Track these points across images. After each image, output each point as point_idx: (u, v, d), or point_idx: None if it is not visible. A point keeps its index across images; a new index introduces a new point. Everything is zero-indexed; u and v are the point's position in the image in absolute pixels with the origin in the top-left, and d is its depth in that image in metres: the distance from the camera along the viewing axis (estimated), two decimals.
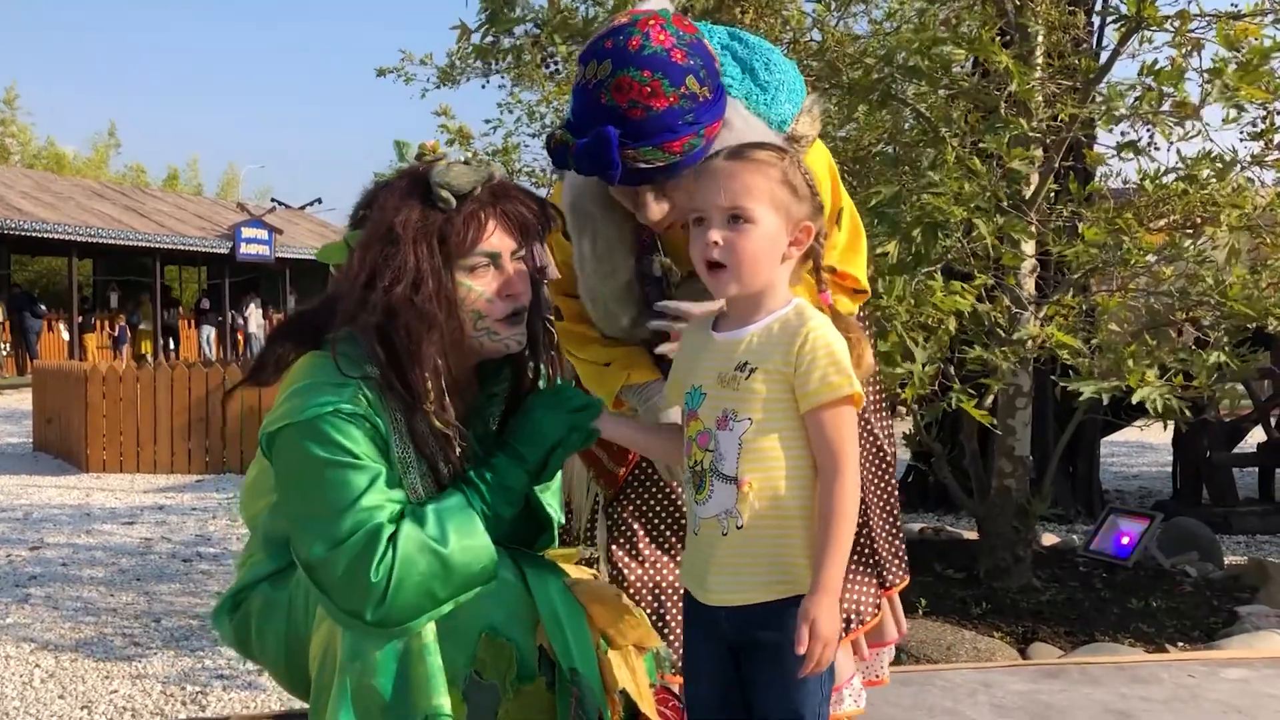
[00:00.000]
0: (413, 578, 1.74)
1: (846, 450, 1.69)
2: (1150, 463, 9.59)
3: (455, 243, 1.83)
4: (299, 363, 1.87)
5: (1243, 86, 3.44)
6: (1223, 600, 4.33)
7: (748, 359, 1.74)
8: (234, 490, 8.37)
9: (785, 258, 1.76)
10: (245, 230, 26.45)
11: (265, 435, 1.83)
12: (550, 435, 1.90)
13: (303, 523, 1.79)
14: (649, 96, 1.88)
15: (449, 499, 1.84)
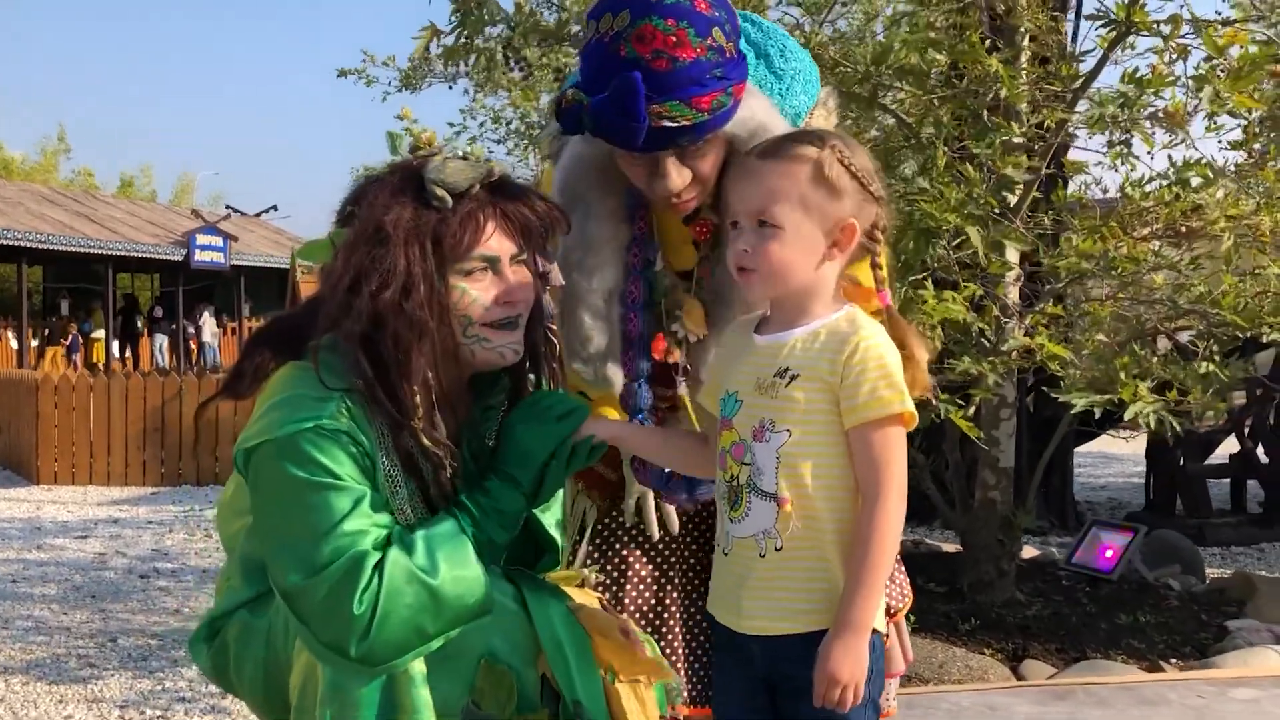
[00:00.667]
0: (399, 610, 1.60)
1: (893, 472, 1.56)
2: (1116, 473, 9.58)
3: (450, 245, 1.69)
4: (278, 374, 1.73)
5: (1234, 95, 3.36)
6: (1211, 615, 4.27)
7: (789, 365, 1.62)
8: (191, 502, 8.16)
9: (826, 259, 1.64)
10: (200, 237, 26.04)
11: (240, 452, 1.69)
12: (537, 452, 1.77)
13: (279, 548, 1.65)
14: (674, 46, 1.73)
15: (439, 524, 1.70)
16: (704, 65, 1.76)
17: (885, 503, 1.55)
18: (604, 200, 1.96)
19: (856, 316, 1.63)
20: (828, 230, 1.62)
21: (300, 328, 1.75)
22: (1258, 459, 6.67)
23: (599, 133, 1.80)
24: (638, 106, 1.72)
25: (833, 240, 1.63)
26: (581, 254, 1.96)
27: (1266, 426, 6.68)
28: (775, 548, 1.60)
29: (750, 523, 1.63)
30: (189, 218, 30.26)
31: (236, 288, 27.94)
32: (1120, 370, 3.59)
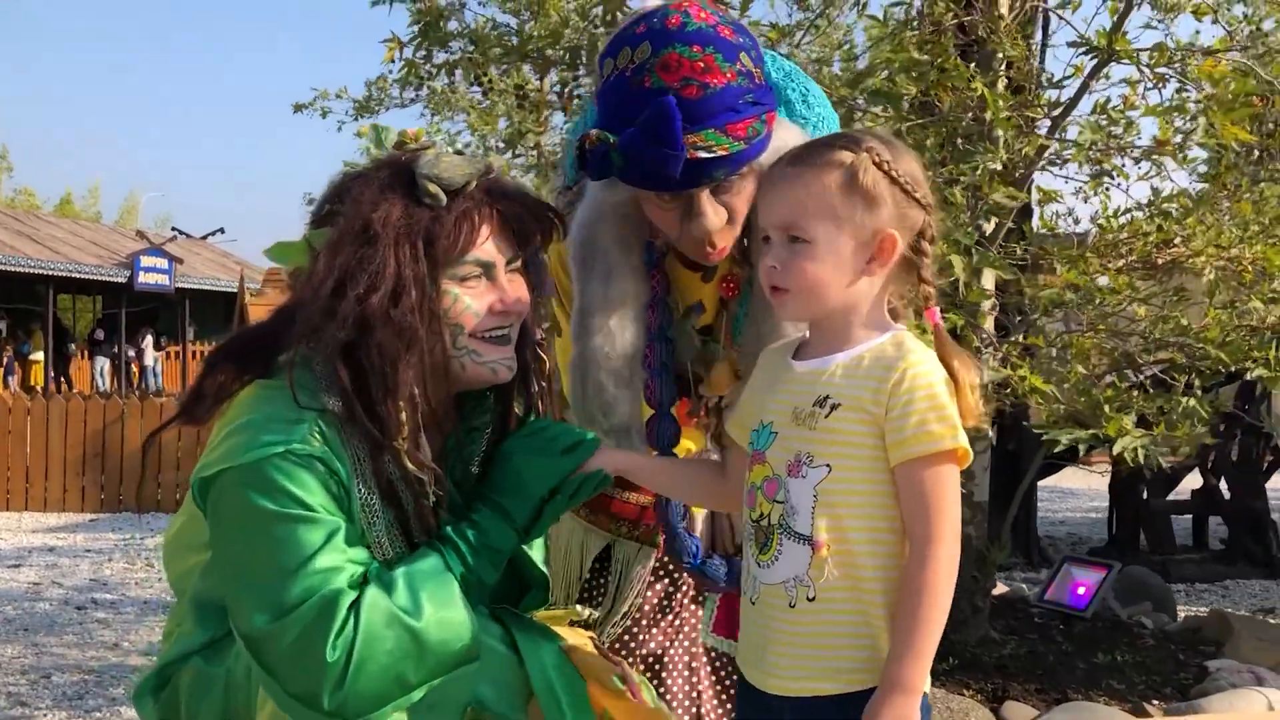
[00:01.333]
0: (378, 657, 1.43)
1: (945, 515, 1.41)
2: (1074, 508, 9.56)
3: (444, 247, 1.54)
4: (243, 394, 1.56)
5: (1226, 126, 3.30)
6: (1188, 654, 4.19)
7: (830, 393, 1.46)
8: (131, 530, 7.87)
9: (865, 274, 1.49)
10: (144, 259, 25.57)
11: (198, 480, 1.52)
12: (535, 487, 1.61)
13: (242, 587, 1.48)
14: (703, 73, 1.59)
15: (423, 561, 1.53)
16: (736, 91, 1.62)
17: (937, 549, 1.40)
18: (627, 256, 1.80)
19: (905, 340, 1.48)
20: (864, 243, 1.47)
21: (268, 341, 1.59)
22: (1221, 495, 6.63)
23: (630, 171, 1.64)
24: (674, 133, 1.57)
25: (870, 254, 1.48)
26: (604, 316, 1.79)
27: (1229, 462, 6.65)
28: (808, 597, 1.45)
29: (781, 568, 1.47)
30: (134, 239, 29.74)
31: (181, 311, 27.44)
32: (1104, 404, 3.51)
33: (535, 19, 5.24)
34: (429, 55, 4.99)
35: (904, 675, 1.39)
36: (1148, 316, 3.92)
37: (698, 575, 1.93)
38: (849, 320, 1.50)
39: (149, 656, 4.56)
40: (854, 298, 1.49)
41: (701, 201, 1.67)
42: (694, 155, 1.59)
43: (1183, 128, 3.57)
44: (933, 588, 1.40)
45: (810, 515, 1.45)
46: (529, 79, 7.19)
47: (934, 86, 3.90)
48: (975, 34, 4.10)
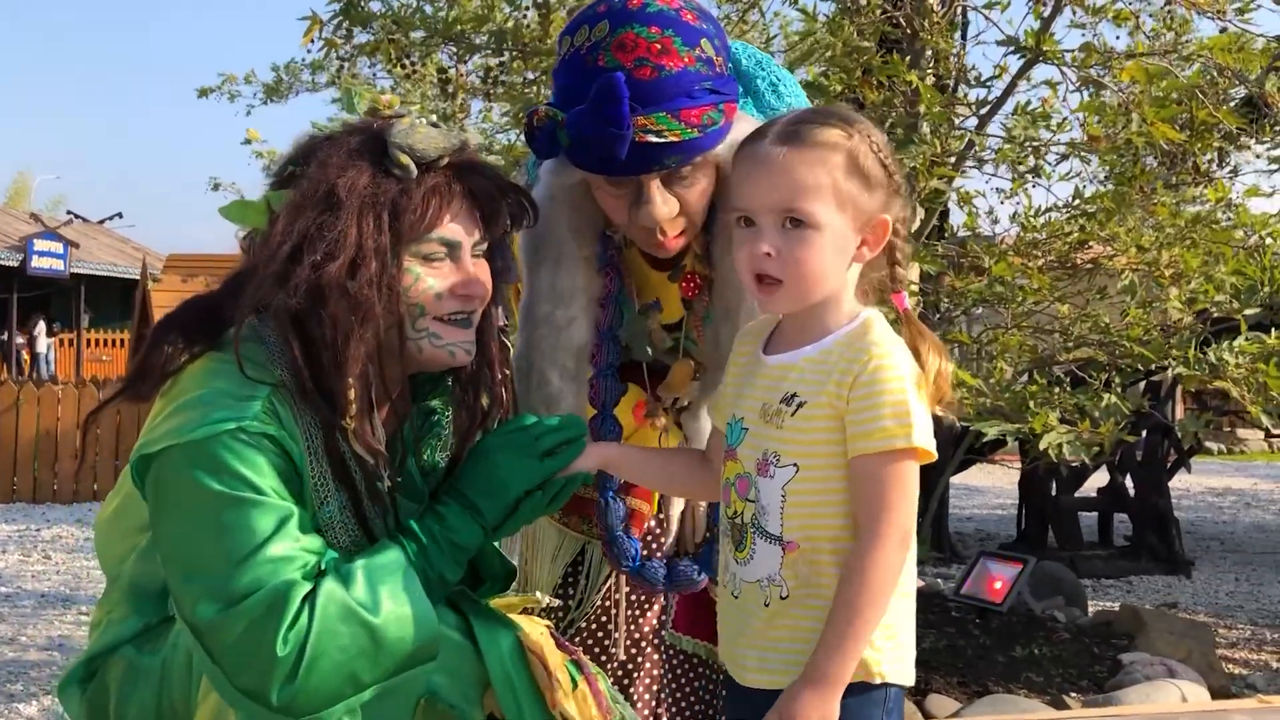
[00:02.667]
0: (332, 653, 1.36)
1: (895, 514, 1.37)
2: (980, 505, 9.71)
3: (410, 221, 1.47)
4: (191, 367, 1.48)
5: (1157, 124, 3.35)
6: (1102, 648, 4.26)
7: (797, 390, 1.42)
8: (26, 521, 7.58)
9: (855, 260, 1.44)
10: (38, 243, 24.75)
11: (139, 458, 1.43)
12: (514, 487, 1.55)
13: (188, 575, 1.39)
14: (659, 54, 1.55)
15: (384, 554, 1.46)
16: (693, 76, 1.57)
17: (882, 546, 1.36)
18: (579, 246, 1.75)
19: (871, 330, 1.43)
20: (860, 228, 1.43)
21: (218, 310, 1.50)
22: (1127, 492, 6.79)
23: (576, 151, 1.59)
24: (621, 111, 1.52)
25: (864, 238, 1.44)
26: (551, 306, 1.74)
27: (1134, 460, 6.80)
28: (780, 596, 1.42)
29: (756, 567, 1.44)
30: (27, 221, 28.77)
31: (76, 297, 26.63)
32: (1029, 399, 3.55)
33: (453, 5, 5.14)
34: (349, 35, 4.87)
35: (827, 667, 1.36)
36: (1070, 315, 3.98)
37: (636, 578, 1.89)
38: (825, 308, 1.45)
39: (48, 651, 4.39)
40: (838, 287, 1.45)
41: (650, 189, 1.62)
42: (642, 138, 1.55)
43: (1112, 127, 3.62)
44: (871, 584, 1.36)
45: (779, 516, 1.41)
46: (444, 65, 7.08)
47: (860, 82, 3.91)
48: (906, 28, 4.13)
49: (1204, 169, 4.72)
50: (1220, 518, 8.94)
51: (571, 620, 2.00)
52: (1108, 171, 4.36)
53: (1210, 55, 3.59)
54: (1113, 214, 3.96)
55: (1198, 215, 4.05)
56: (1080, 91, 4.05)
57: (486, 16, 4.65)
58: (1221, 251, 3.76)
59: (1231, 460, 13.68)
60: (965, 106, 4.25)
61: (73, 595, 5.41)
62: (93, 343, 24.85)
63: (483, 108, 7.13)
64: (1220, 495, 10.31)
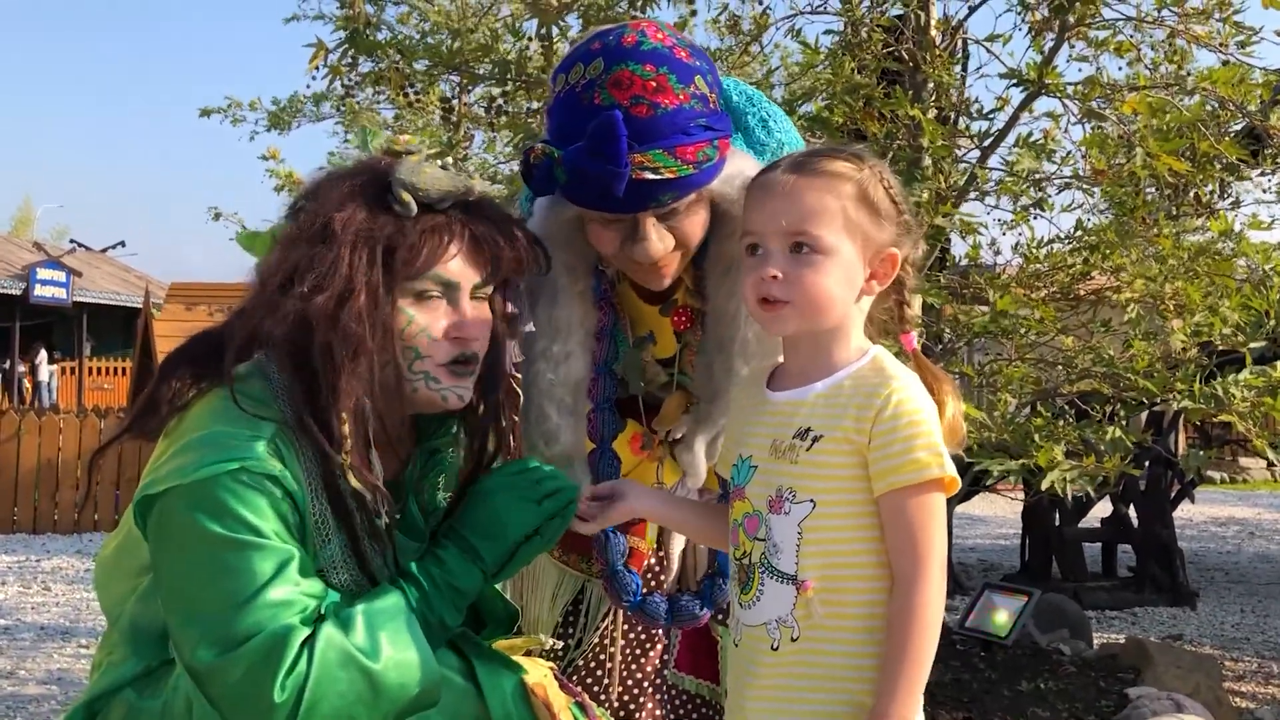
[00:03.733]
0: (330, 699, 1.35)
1: (932, 546, 1.37)
2: (983, 535, 9.68)
3: (404, 258, 1.47)
4: (195, 407, 1.47)
5: (1162, 156, 3.35)
6: (1109, 681, 4.23)
7: (811, 424, 1.41)
8: (26, 552, 7.55)
9: (863, 294, 1.45)
10: (41, 271, 24.79)
11: (142, 498, 1.42)
12: (514, 530, 1.54)
13: (187, 618, 1.39)
14: (654, 92, 1.56)
15: (383, 598, 1.45)
16: (688, 113, 1.58)
17: (925, 582, 1.36)
18: (573, 280, 1.75)
19: (885, 364, 1.43)
20: (868, 259, 1.44)
21: (224, 343, 1.50)
22: (1131, 523, 6.76)
23: (573, 188, 1.59)
24: (618, 149, 1.52)
25: (872, 271, 1.45)
26: (548, 341, 1.74)
27: (1138, 490, 6.77)
28: (791, 638, 1.40)
29: (762, 609, 1.42)
30: (30, 250, 28.84)
31: (78, 326, 26.65)
32: (1034, 433, 3.53)
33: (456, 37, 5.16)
34: (354, 64, 4.89)
35: (895, 710, 1.34)
36: (1074, 347, 3.97)
37: (638, 613, 1.88)
38: (833, 342, 1.45)
39: (47, 685, 4.36)
40: (848, 317, 1.45)
41: (646, 226, 1.63)
42: (639, 176, 1.55)
43: (1114, 160, 3.62)
44: (922, 620, 1.35)
45: (795, 553, 1.40)
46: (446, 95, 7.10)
47: (861, 115, 3.92)
48: (908, 62, 4.14)
49: (1206, 200, 4.73)
50: (1224, 548, 8.90)
51: (571, 660, 1.99)
52: (1109, 203, 4.36)
53: (1213, 87, 3.59)
54: (1116, 246, 3.95)
55: (1200, 247, 4.05)
56: (1082, 124, 4.06)
57: (490, 47, 4.67)
58: (1225, 284, 3.75)
59: (1234, 490, 13.64)
60: (967, 138, 4.26)
61: (72, 628, 5.38)
62: (94, 371, 24.84)
63: (486, 137, 7.16)
64: (1224, 525, 10.27)
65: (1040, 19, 3.91)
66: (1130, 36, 4.28)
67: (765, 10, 4.31)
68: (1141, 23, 3.94)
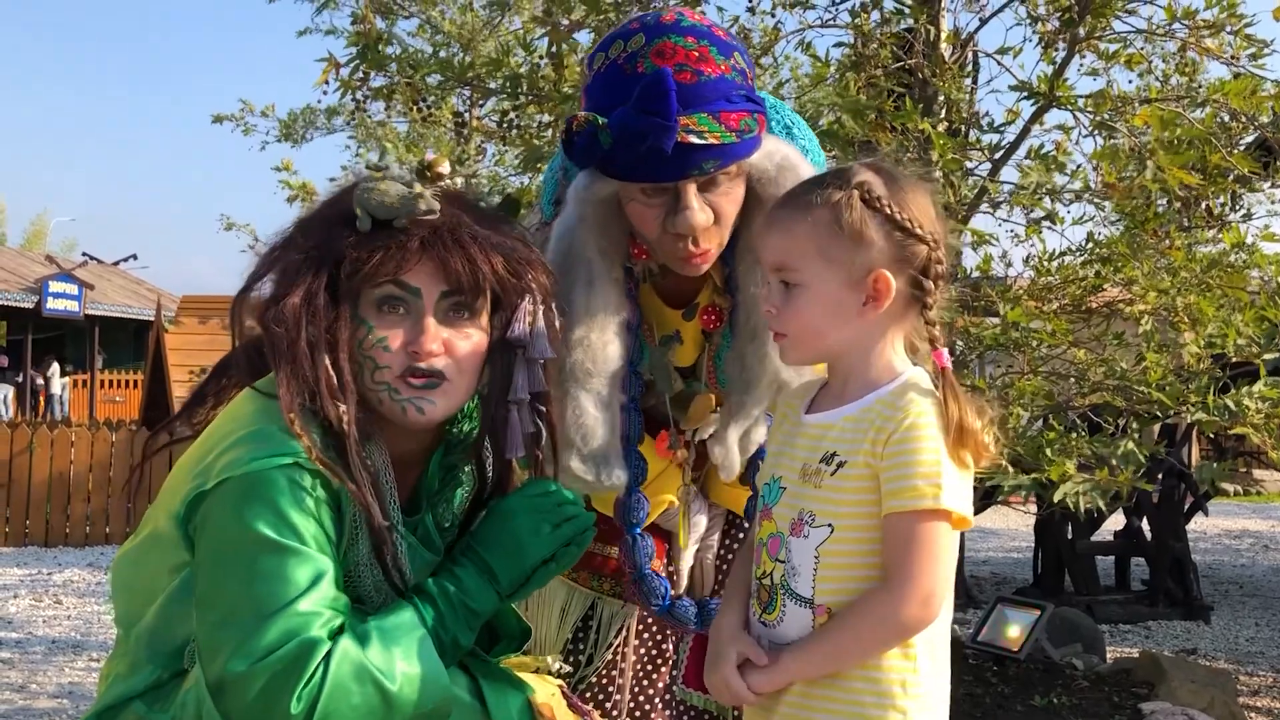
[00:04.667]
0: (343, 712, 1.35)
1: (914, 573, 1.35)
2: (995, 548, 9.64)
3: (351, 267, 1.48)
4: (235, 405, 1.49)
5: (1172, 170, 3.35)
6: (1123, 696, 4.21)
7: (837, 450, 1.41)
8: (38, 565, 7.57)
9: (862, 316, 1.43)
10: (53, 284, 24.89)
11: (194, 495, 1.41)
12: (532, 555, 1.53)
13: (220, 623, 1.38)
14: (698, 61, 1.57)
15: (398, 614, 1.45)
16: (730, 83, 1.60)
17: (891, 602, 1.35)
18: (609, 266, 1.73)
19: (909, 389, 1.42)
20: (856, 283, 1.42)
21: None
22: (1144, 536, 6.72)
23: (618, 152, 1.58)
24: (669, 104, 1.53)
25: (865, 295, 1.43)
26: (585, 329, 1.71)
27: (1151, 503, 6.74)
28: None
29: (785, 630, 1.43)
30: (43, 263, 28.95)
31: (90, 338, 26.75)
32: (1046, 447, 3.52)
33: (465, 50, 5.18)
34: (366, 78, 4.90)
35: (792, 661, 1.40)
36: (1086, 359, 3.96)
37: (666, 617, 1.88)
38: (858, 366, 1.45)
39: (58, 699, 4.36)
40: (856, 342, 1.44)
41: (688, 195, 1.62)
42: (684, 138, 1.56)
43: (1125, 173, 3.61)
44: (862, 630, 1.37)
45: (811, 578, 1.40)
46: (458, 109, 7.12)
47: (872, 128, 3.92)
48: (917, 75, 4.14)
49: (1217, 213, 4.72)
50: (1238, 560, 8.85)
51: (581, 678, 1.98)
52: (1120, 215, 4.36)
53: (1224, 99, 3.59)
54: (1128, 258, 3.94)
55: (1212, 259, 4.03)
56: (1093, 136, 4.05)
57: (501, 61, 4.68)
58: (1238, 296, 3.74)
59: (1248, 502, 13.57)
60: (978, 151, 4.26)
61: (84, 641, 5.39)
62: (106, 384, 24.91)
63: (497, 150, 7.18)
64: (1237, 538, 10.22)
65: (1051, 31, 3.91)
66: (1141, 49, 4.29)
67: (776, 26, 4.30)
68: (1152, 35, 3.93)
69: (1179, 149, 3.36)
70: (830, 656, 1.38)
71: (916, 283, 1.44)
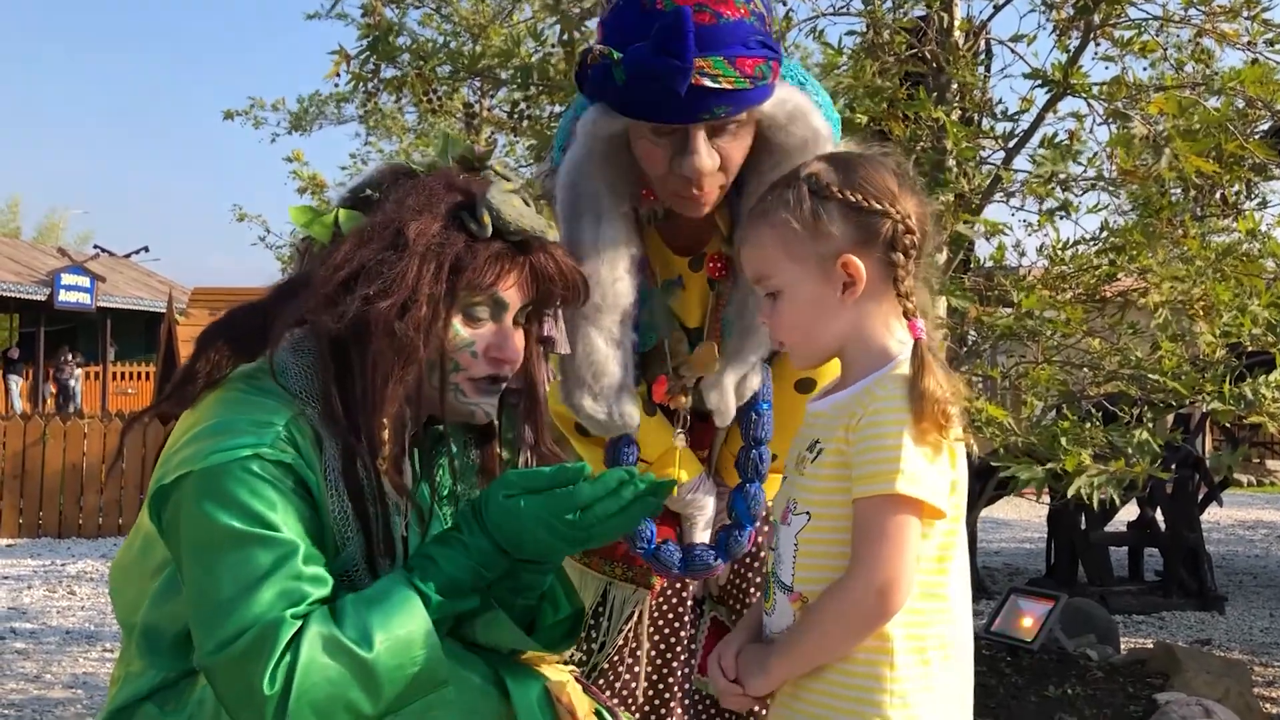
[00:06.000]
0: (320, 686, 1.33)
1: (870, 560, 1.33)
2: (1008, 539, 9.62)
3: (468, 279, 1.47)
4: (208, 397, 1.47)
5: (1189, 157, 3.32)
6: (1137, 687, 4.19)
7: (820, 436, 1.40)
8: (51, 556, 7.60)
9: (845, 302, 1.42)
10: (65, 276, 24.96)
11: (157, 489, 1.42)
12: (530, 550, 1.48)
13: (194, 613, 1.39)
14: (717, 2, 1.55)
15: (379, 583, 1.44)
16: (748, 28, 1.58)
17: (846, 591, 1.34)
18: (617, 201, 1.73)
19: (891, 373, 1.39)
20: (829, 274, 1.41)
21: (264, 320, 1.50)
22: (1158, 526, 6.70)
23: (632, 89, 1.57)
24: (686, 44, 1.51)
25: (841, 283, 1.41)
26: (595, 262, 1.70)
27: (1164, 493, 6.72)
28: None
29: (777, 619, 1.43)
30: (55, 256, 29.05)
31: (101, 330, 26.84)
32: (1061, 438, 3.50)
33: (476, 41, 5.16)
34: (376, 70, 4.90)
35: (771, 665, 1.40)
36: (1101, 349, 3.93)
37: (651, 560, 1.87)
38: (855, 353, 1.44)
39: (72, 689, 4.37)
40: (849, 331, 1.43)
41: (696, 139, 1.61)
42: (698, 81, 1.54)
43: (1140, 160, 3.59)
44: (821, 624, 1.35)
45: (791, 565, 1.40)
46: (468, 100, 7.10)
47: (885, 116, 3.90)
48: (932, 63, 4.12)
49: (1232, 201, 4.68)
50: (1252, 551, 8.82)
51: (595, 664, 1.98)
52: (1133, 204, 4.33)
53: (1240, 86, 3.56)
54: (1142, 247, 3.91)
55: (1227, 247, 4.01)
56: (1107, 124, 4.02)
57: (511, 52, 4.67)
58: (1254, 284, 3.71)
59: (1261, 492, 13.51)
60: (991, 139, 4.23)
61: (97, 632, 5.40)
62: (118, 376, 25.00)
63: (507, 141, 7.17)
64: (1251, 529, 10.18)
65: (1065, 19, 3.88)
66: (1156, 35, 4.25)
67: (789, 14, 4.28)
68: (1168, 22, 3.90)
69: (1196, 136, 3.33)
70: (805, 651, 1.37)
71: (884, 258, 1.42)
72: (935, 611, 1.40)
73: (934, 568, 1.39)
